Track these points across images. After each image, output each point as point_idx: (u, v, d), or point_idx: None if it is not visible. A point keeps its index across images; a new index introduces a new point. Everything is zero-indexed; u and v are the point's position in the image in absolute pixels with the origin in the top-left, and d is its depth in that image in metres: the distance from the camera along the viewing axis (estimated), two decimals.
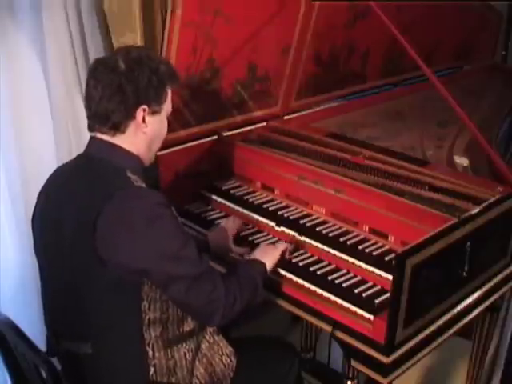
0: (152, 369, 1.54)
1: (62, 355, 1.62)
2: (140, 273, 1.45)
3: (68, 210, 1.49)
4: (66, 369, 1.61)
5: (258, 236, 1.98)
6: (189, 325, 1.61)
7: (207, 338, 1.69)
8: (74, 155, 1.64)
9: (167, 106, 1.59)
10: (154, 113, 1.54)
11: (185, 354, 1.60)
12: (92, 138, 1.56)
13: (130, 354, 1.53)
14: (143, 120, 1.52)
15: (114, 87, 1.47)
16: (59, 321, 1.60)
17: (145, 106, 1.51)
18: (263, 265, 1.70)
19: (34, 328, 1.67)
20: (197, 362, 1.64)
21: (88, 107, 1.53)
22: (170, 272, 1.45)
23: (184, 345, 1.60)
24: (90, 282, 1.47)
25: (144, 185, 1.52)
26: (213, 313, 1.50)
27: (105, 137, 1.53)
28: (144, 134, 1.55)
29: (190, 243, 1.49)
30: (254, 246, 1.87)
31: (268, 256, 1.73)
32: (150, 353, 1.53)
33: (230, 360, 1.72)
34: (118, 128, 1.51)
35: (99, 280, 1.45)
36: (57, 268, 1.54)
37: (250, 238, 1.97)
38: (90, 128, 1.56)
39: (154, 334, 1.52)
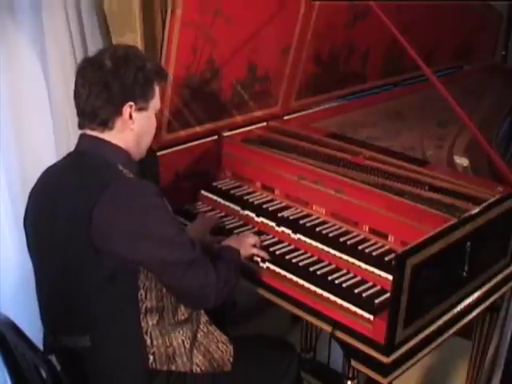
0: (151, 357, 1.56)
1: (59, 352, 1.63)
2: (137, 261, 1.48)
3: (62, 204, 1.50)
4: (65, 366, 1.61)
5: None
6: (183, 313, 1.63)
7: (201, 327, 1.71)
8: None
9: (155, 103, 1.61)
10: (140, 109, 1.56)
11: (183, 341, 1.62)
12: (82, 135, 1.59)
13: (128, 344, 1.55)
14: (130, 116, 1.54)
15: (100, 85, 1.50)
16: (56, 316, 1.60)
17: (131, 103, 1.53)
18: (238, 251, 1.77)
19: (34, 328, 1.67)
20: (195, 350, 1.66)
21: (77, 105, 1.56)
22: (167, 257, 1.49)
23: (181, 332, 1.62)
24: (86, 273, 1.48)
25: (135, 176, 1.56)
26: (207, 296, 1.56)
27: (94, 133, 1.56)
28: (131, 131, 1.57)
29: (183, 231, 1.57)
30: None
31: (241, 246, 1.80)
32: (149, 341, 1.55)
33: (227, 346, 1.73)
34: (106, 124, 1.54)
35: (96, 271, 1.47)
36: (52, 262, 1.55)
37: None
38: (80, 126, 1.58)
39: (151, 322, 1.55)
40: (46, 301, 1.64)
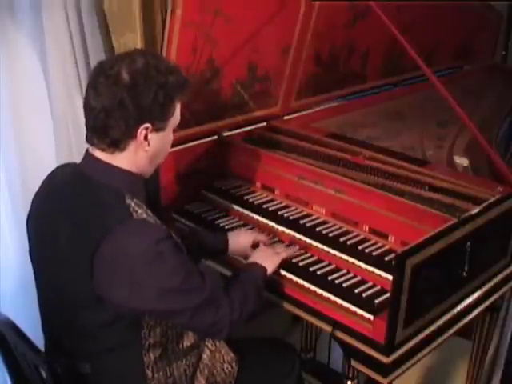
0: None
1: (60, 365, 1.57)
2: (140, 311, 1.42)
3: (63, 225, 1.42)
4: (65, 377, 1.59)
5: None
6: (189, 339, 1.59)
7: (209, 346, 1.68)
8: (74, 155, 1.64)
9: (174, 120, 1.47)
10: (158, 130, 1.42)
11: (185, 370, 1.58)
12: (89, 155, 1.45)
13: (128, 377, 1.51)
14: (145, 138, 1.40)
15: (115, 101, 1.34)
16: (56, 332, 1.57)
17: (148, 125, 1.39)
18: (264, 269, 1.69)
19: (34, 328, 1.66)
20: (198, 374, 1.63)
21: (86, 118, 1.41)
22: (172, 307, 1.42)
23: (184, 361, 1.58)
24: (86, 315, 1.43)
25: (144, 210, 1.41)
26: (219, 331, 1.50)
27: (103, 155, 1.42)
28: (145, 152, 1.43)
29: (191, 272, 1.44)
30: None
31: (268, 261, 1.72)
32: (150, 374, 1.51)
33: (231, 367, 1.71)
34: (117, 145, 1.40)
35: (97, 315, 1.41)
36: (52, 281, 1.49)
37: None
38: (88, 141, 1.44)
39: (153, 356, 1.50)
40: (45, 312, 1.59)
